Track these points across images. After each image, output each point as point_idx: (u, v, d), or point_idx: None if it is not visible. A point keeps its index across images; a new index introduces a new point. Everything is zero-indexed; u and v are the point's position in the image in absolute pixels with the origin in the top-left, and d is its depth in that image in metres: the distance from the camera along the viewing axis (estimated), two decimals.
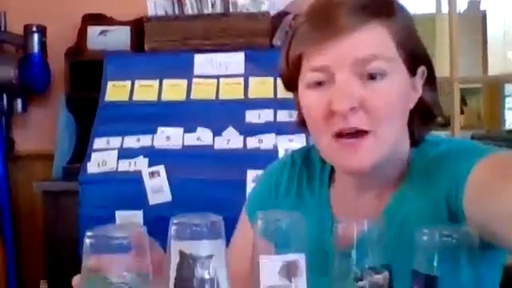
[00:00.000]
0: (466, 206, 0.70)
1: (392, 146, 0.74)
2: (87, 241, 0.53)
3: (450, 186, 0.73)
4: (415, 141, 0.81)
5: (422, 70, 0.78)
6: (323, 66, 0.72)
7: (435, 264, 0.56)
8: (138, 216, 1.94)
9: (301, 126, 0.85)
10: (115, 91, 2.23)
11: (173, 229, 0.62)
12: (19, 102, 2.71)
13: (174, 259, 0.61)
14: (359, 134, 0.72)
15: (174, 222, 0.62)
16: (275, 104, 2.12)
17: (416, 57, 0.76)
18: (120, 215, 1.96)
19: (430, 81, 0.79)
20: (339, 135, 0.72)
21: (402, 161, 0.81)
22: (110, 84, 2.23)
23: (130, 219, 1.93)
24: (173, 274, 0.60)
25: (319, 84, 0.73)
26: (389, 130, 0.73)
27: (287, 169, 0.93)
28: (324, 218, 0.85)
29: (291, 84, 0.81)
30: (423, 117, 0.80)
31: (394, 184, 0.81)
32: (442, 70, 2.46)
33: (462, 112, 2.40)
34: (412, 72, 0.76)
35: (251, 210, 0.94)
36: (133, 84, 2.23)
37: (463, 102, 3.79)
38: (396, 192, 0.80)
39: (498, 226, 0.63)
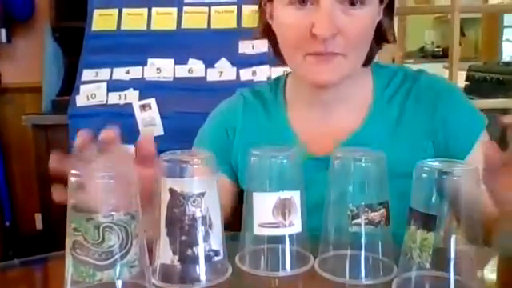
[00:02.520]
0: None
1: (358, 66, 0.82)
2: (71, 179, 0.51)
3: (445, 137, 0.83)
4: (366, 60, 0.85)
5: None
6: None
7: (434, 202, 0.54)
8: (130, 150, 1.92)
9: (262, 37, 0.88)
10: (102, 20, 2.13)
11: (162, 166, 0.59)
12: (3, 32, 2.60)
13: (165, 197, 0.59)
14: (333, 54, 0.77)
15: (163, 158, 0.59)
16: None
17: None
18: None
19: (390, 8, 0.85)
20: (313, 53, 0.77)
21: (361, 80, 0.88)
22: (96, 12, 2.13)
23: None
24: (163, 212, 0.58)
25: (302, 2, 0.75)
26: (359, 54, 0.81)
27: (240, 105, 0.96)
28: (286, 139, 0.88)
29: None
30: (377, 39, 0.85)
31: (360, 109, 0.87)
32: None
33: (459, 43, 2.34)
34: (381, 0, 0.81)
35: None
36: (120, 12, 2.13)
37: (461, 32, 3.69)
38: (366, 116, 0.86)
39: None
